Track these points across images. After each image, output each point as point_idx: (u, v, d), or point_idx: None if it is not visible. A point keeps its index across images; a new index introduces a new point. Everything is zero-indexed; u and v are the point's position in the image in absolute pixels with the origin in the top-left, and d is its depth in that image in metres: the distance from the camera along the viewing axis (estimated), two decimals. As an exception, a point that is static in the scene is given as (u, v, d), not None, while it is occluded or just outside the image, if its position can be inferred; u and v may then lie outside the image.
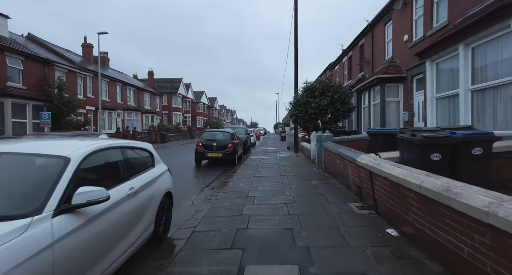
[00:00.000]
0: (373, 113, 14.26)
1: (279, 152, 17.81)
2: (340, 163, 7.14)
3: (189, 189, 8.02)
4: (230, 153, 12.21)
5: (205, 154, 12.12)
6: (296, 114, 12.61)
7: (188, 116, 54.86)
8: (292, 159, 13.85)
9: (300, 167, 10.97)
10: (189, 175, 10.36)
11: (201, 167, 12.25)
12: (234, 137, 13.02)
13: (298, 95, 12.96)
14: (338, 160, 7.44)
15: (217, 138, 12.57)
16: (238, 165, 12.49)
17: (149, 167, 4.11)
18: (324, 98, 11.77)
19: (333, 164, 8.15)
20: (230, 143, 12.29)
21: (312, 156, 12.54)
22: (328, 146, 8.75)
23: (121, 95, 32.71)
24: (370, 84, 13.64)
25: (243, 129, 19.71)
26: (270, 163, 12.30)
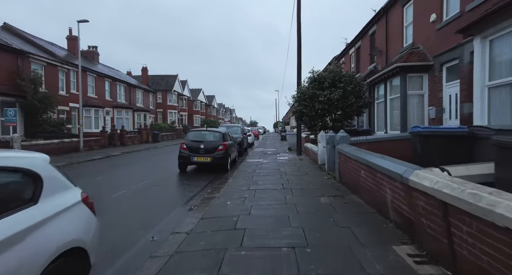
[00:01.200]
0: (389, 109, 12.18)
1: (280, 154, 15.73)
2: (368, 176, 5.07)
3: (158, 209, 5.94)
4: (221, 157, 10.14)
5: (190, 159, 10.05)
6: (301, 110, 10.56)
7: (184, 115, 52.72)
8: (295, 163, 11.77)
9: (306, 175, 8.89)
10: (165, 186, 8.28)
11: (185, 174, 10.16)
12: (226, 137, 10.93)
13: (303, 87, 10.88)
14: (363, 171, 5.37)
15: (205, 139, 10.49)
16: (230, 171, 10.41)
17: (24, 205, 2.03)
18: (334, 91, 9.71)
19: (353, 174, 6.08)
20: (221, 145, 10.21)
21: (320, 160, 10.46)
22: (345, 150, 6.68)
23: (110, 92, 30.61)
24: (387, 75, 11.55)
25: (239, 128, 17.63)
26: (269, 169, 10.23)
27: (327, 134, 9.08)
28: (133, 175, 10.29)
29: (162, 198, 6.81)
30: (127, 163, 13.79)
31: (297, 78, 12.75)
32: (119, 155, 17.75)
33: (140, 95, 37.72)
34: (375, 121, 14.10)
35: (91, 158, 15.53)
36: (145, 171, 11.19)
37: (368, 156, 5.15)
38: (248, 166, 11.26)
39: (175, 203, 6.30)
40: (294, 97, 11.24)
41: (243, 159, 14.18)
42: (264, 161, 12.72)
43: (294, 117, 11.75)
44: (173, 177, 9.59)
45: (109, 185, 8.24)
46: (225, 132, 10.95)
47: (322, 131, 10.38)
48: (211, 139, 10.54)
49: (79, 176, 9.95)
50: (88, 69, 26.53)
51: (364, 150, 5.85)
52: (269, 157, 14.58)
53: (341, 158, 7.17)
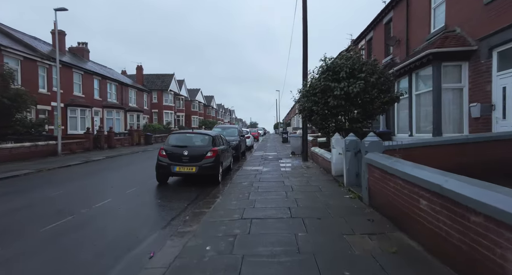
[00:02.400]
0: (415, 107, 10.09)
1: (282, 160, 13.62)
2: (442, 213, 2.97)
3: (100, 254, 3.84)
4: (210, 167, 8.04)
5: (170, 169, 7.95)
6: (309, 107, 8.47)
7: (181, 115, 50.69)
8: (303, 173, 9.66)
9: (320, 192, 6.79)
10: (128, 210, 6.14)
11: (163, 189, 8.06)
12: (217, 141, 8.82)
13: (312, 78, 8.79)
14: (426, 201, 3.27)
15: (190, 143, 8.38)
16: (222, 184, 8.32)
17: None
18: (353, 82, 7.62)
19: (400, 200, 4.00)
20: (209, 152, 8.11)
21: (334, 170, 8.36)
22: (382, 163, 4.59)
23: (100, 91, 28.54)
24: (413, 65, 9.46)
25: (235, 129, 15.50)
26: (271, 182, 8.13)
27: (346, 138, 6.98)
28: (100, 189, 8.20)
29: (111, 236, 4.68)
30: (103, 171, 11.70)
31: (303, 69, 10.68)
32: (100, 160, 15.67)
33: (133, 94, 35.67)
34: (395, 122, 11.99)
35: (66, 164, 13.45)
36: (117, 182, 9.09)
37: (441, 178, 3.04)
38: (245, 177, 9.16)
39: (126, 247, 4.17)
40: (301, 92, 9.14)
41: (240, 166, 12.08)
42: (264, 169, 10.61)
43: (301, 116, 9.66)
44: (146, 194, 7.48)
45: (56, 207, 6.14)
46: (215, 135, 8.84)
47: (337, 134, 8.29)
48: (197, 144, 8.44)
49: (29, 190, 7.88)
50: (74, 65, 24.49)
51: (422, 166, 3.74)
52: (270, 163, 12.47)
53: (374, 173, 5.07)
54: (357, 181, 6.85)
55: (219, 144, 9.03)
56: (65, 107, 23.28)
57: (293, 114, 62.11)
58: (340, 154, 8.24)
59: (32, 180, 9.58)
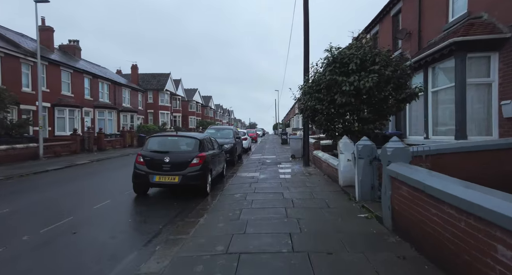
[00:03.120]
0: (432, 106, 8.89)
1: (281, 165, 12.39)
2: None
3: None
4: (195, 176, 6.80)
5: (149, 179, 6.71)
6: (312, 106, 7.23)
7: (178, 116, 49.46)
8: (304, 181, 8.43)
9: (327, 208, 5.56)
10: (86, 233, 4.91)
11: (140, 202, 6.83)
12: (205, 146, 7.57)
13: (316, 72, 7.53)
14: (510, 250, 2.04)
15: (172, 148, 7.12)
16: (211, 197, 7.10)
17: None
18: (365, 76, 6.40)
19: (455, 240, 2.77)
20: (195, 158, 6.88)
21: (342, 179, 7.14)
22: (415, 179, 3.37)
23: (91, 90, 27.28)
24: (432, 57, 8.26)
25: (231, 131, 14.25)
26: (268, 193, 6.90)
27: (358, 143, 5.76)
28: (64, 203, 6.93)
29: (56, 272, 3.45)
30: (80, 178, 10.45)
31: (304, 63, 9.47)
32: (84, 165, 14.42)
33: (127, 94, 34.41)
34: (406, 123, 10.78)
35: (43, 169, 12.20)
36: (89, 193, 7.85)
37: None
38: (238, 186, 7.93)
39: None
40: (303, 88, 7.89)
41: (234, 172, 10.86)
42: (261, 177, 9.38)
43: (302, 117, 8.43)
44: (117, 210, 6.24)
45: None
46: (203, 139, 7.59)
47: (345, 137, 7.06)
48: (181, 149, 7.19)
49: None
50: (62, 63, 23.22)
51: (492, 190, 2.51)
52: (267, 169, 11.24)
53: (400, 190, 3.84)
54: (372, 195, 5.64)
55: (208, 149, 7.80)
56: (52, 107, 22.03)
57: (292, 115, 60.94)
58: (349, 161, 7.02)
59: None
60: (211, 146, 8.37)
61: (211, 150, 8.08)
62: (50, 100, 21.71)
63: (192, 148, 7.14)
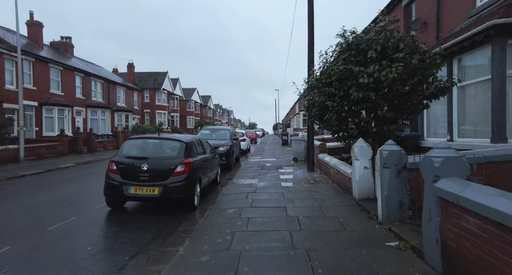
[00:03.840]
0: (458, 103, 7.68)
1: (283, 169, 11.17)
2: None
3: None
4: (179, 187, 5.58)
5: (123, 190, 5.49)
6: (322, 102, 5.97)
7: (175, 116, 48.25)
8: (311, 191, 7.20)
9: (343, 231, 4.34)
10: (21, 268, 3.72)
11: (111, 220, 5.60)
12: (193, 150, 6.33)
13: (326, 62, 6.25)
14: None
15: (152, 153, 5.88)
16: (199, 212, 5.88)
17: None
18: (388, 65, 5.17)
19: None
20: (180, 165, 5.65)
21: (358, 191, 5.91)
22: (501, 210, 2.13)
23: (82, 89, 26.04)
24: (460, 46, 7.05)
25: (227, 131, 13.00)
26: (268, 209, 5.68)
27: (383, 148, 4.54)
28: (18, 220, 5.70)
29: None
30: (55, 185, 9.22)
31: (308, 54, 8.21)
32: (68, 168, 13.21)
33: (122, 93, 33.17)
34: (423, 122, 9.55)
35: (19, 174, 10.98)
36: (56, 205, 6.61)
37: None
38: (233, 198, 6.71)
39: None
40: (309, 82, 6.62)
41: (230, 178, 9.64)
42: (259, 184, 8.16)
43: (307, 116, 7.20)
44: (81, 230, 5.01)
45: None
46: (190, 141, 6.34)
47: (361, 140, 5.84)
48: (163, 155, 5.95)
49: None
50: (50, 60, 21.99)
51: None
52: (267, 174, 10.02)
53: (466, 223, 2.61)
54: (401, 215, 4.43)
55: (197, 153, 6.57)
56: (39, 106, 20.81)
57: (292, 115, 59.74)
58: (365, 169, 5.81)
59: None
60: (202, 149, 7.15)
61: (201, 154, 6.86)
62: (37, 99, 20.50)
63: (177, 153, 5.91)
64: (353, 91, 5.59)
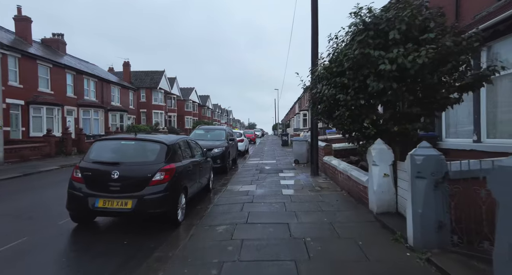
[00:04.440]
0: (487, 98, 6.62)
1: (284, 173, 10.11)
2: None
3: None
4: (158, 200, 4.52)
5: (88, 203, 4.43)
6: (331, 96, 4.91)
7: (173, 116, 47.14)
8: (317, 201, 6.14)
9: (366, 261, 3.28)
10: None
11: (75, 238, 4.55)
12: (177, 154, 5.24)
13: (337, 47, 5.17)
14: None
15: (125, 158, 4.78)
16: (184, 229, 4.82)
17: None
18: (413, 49, 4.10)
19: None
20: (158, 173, 4.59)
21: (376, 204, 4.84)
22: None
23: (74, 87, 24.97)
24: (495, 29, 6.00)
25: (223, 131, 11.92)
26: (266, 225, 4.62)
27: (415, 153, 3.49)
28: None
29: None
30: (26, 192, 8.14)
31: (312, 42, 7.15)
32: (49, 172, 12.13)
33: (116, 92, 32.09)
34: (442, 120, 8.50)
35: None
36: (12, 220, 5.54)
37: None
38: (225, 211, 5.64)
39: None
40: (317, 72, 5.53)
41: (225, 183, 8.58)
42: (257, 192, 7.10)
43: (313, 112, 6.13)
44: (28, 256, 3.94)
45: None
46: (174, 143, 5.27)
47: (379, 141, 4.79)
48: (139, 159, 4.87)
49: None
50: (38, 56, 20.91)
51: None
52: (267, 179, 8.97)
53: None
54: (441, 240, 3.38)
55: (183, 157, 5.50)
56: (26, 105, 19.72)
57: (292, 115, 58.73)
58: (385, 176, 4.75)
59: None
60: (189, 152, 6.08)
61: (188, 158, 5.80)
62: (24, 97, 19.42)
63: (156, 157, 4.84)
64: (370, 81, 4.53)
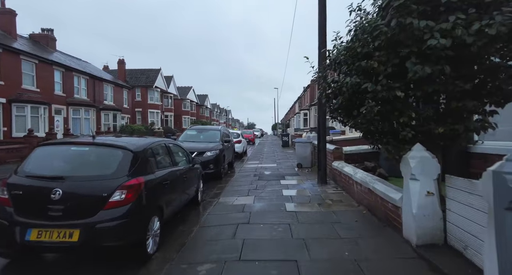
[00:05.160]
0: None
1: (286, 180, 8.82)
2: None
3: None
4: (115, 230, 3.25)
5: (15, 235, 3.15)
6: (355, 85, 3.64)
7: (170, 115, 45.83)
8: (331, 221, 4.84)
9: None
10: None
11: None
12: (147, 163, 3.93)
13: (362, 19, 3.90)
14: None
15: (72, 171, 3.50)
16: (155, 269, 3.50)
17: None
18: (476, 19, 2.89)
19: None
20: (117, 192, 3.31)
21: (416, 232, 3.53)
22: None
23: (63, 85, 23.64)
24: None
25: (218, 132, 10.58)
26: (267, 264, 3.32)
27: (504, 170, 2.18)
28: None
29: None
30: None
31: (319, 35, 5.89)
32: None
33: (109, 90, 30.76)
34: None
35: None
36: None
37: None
38: (213, 238, 4.33)
39: None
40: (335, 50, 4.18)
41: (218, 194, 7.28)
42: (255, 207, 5.80)
43: (319, 110, 4.80)
44: None
45: None
46: (144, 149, 3.94)
47: (419, 147, 3.51)
48: (90, 172, 3.55)
49: None
50: (22, 51, 19.58)
51: None
52: (266, 188, 7.66)
53: None
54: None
55: (156, 167, 4.19)
56: (8, 103, 18.42)
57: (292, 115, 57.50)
58: (430, 195, 3.47)
59: None
60: (169, 160, 4.77)
61: (166, 167, 4.49)
62: (5, 95, 18.12)
63: (116, 168, 3.53)
64: (411, 65, 3.24)
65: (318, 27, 7.03)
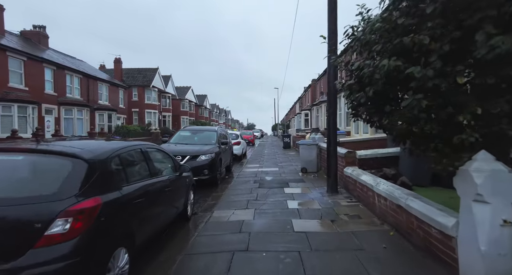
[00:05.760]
0: None
1: (290, 188, 7.77)
2: None
3: None
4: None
5: None
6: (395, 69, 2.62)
7: (168, 116, 44.81)
8: (352, 248, 3.79)
9: None
10: None
11: None
12: (108, 178, 2.90)
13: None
14: None
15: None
16: None
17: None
18: None
19: None
20: (58, 221, 2.29)
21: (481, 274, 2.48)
22: None
23: (54, 84, 22.60)
24: None
25: (213, 133, 9.50)
26: None
27: None
28: None
29: None
30: None
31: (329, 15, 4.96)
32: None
33: (104, 90, 29.72)
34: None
35: None
36: None
37: None
38: (201, 273, 3.30)
39: None
40: (366, 21, 3.14)
41: (212, 206, 6.23)
42: (256, 225, 4.75)
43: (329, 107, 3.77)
44: None
45: None
46: (107, 158, 2.85)
47: (487, 157, 2.49)
48: (22, 193, 2.50)
49: None
50: (9, 48, 18.55)
51: None
52: (268, 198, 6.61)
53: None
54: None
55: (126, 181, 3.15)
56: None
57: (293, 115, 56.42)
58: (507, 225, 2.42)
59: None
60: (146, 169, 3.72)
61: (140, 180, 3.45)
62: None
63: (58, 186, 2.48)
64: (484, 36, 2.21)
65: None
